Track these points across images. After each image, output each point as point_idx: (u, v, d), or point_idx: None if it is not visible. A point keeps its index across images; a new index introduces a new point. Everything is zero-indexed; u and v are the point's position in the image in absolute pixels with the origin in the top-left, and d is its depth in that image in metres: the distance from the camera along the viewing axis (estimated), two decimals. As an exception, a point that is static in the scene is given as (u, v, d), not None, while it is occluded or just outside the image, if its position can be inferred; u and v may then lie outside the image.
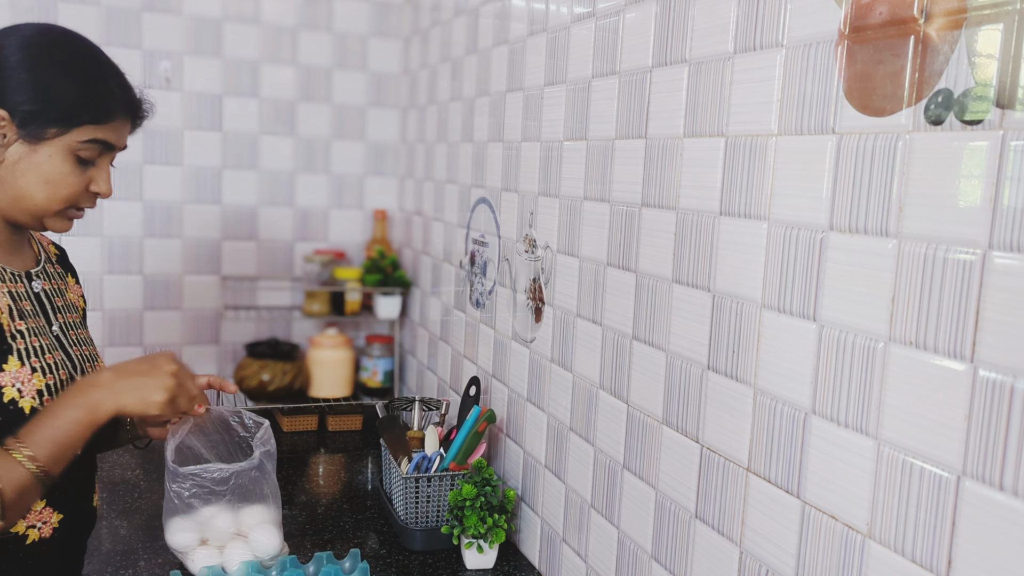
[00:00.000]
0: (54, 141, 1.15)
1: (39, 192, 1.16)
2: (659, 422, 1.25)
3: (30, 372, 1.15)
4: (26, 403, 1.14)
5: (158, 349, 2.53)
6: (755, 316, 1.04)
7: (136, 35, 2.43)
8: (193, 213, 2.54)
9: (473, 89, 2.02)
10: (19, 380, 1.14)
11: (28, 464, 1.07)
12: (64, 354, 1.24)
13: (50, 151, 1.15)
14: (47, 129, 1.14)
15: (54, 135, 1.15)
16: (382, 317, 2.53)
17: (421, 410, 1.97)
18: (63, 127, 1.15)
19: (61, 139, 1.15)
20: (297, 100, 2.62)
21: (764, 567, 1.03)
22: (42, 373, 1.17)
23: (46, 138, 1.15)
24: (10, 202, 1.17)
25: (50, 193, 1.17)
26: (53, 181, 1.16)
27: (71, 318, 1.30)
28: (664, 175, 1.24)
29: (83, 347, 1.29)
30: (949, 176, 0.79)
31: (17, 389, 1.13)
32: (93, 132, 1.18)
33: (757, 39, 1.04)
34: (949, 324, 0.78)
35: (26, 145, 1.14)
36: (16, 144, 1.14)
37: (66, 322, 1.28)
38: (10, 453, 1.07)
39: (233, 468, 1.31)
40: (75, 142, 1.17)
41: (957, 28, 0.78)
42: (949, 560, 0.79)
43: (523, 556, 1.71)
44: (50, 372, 1.19)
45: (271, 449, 1.37)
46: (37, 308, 1.22)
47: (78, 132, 1.16)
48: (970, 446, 0.77)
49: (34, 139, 1.14)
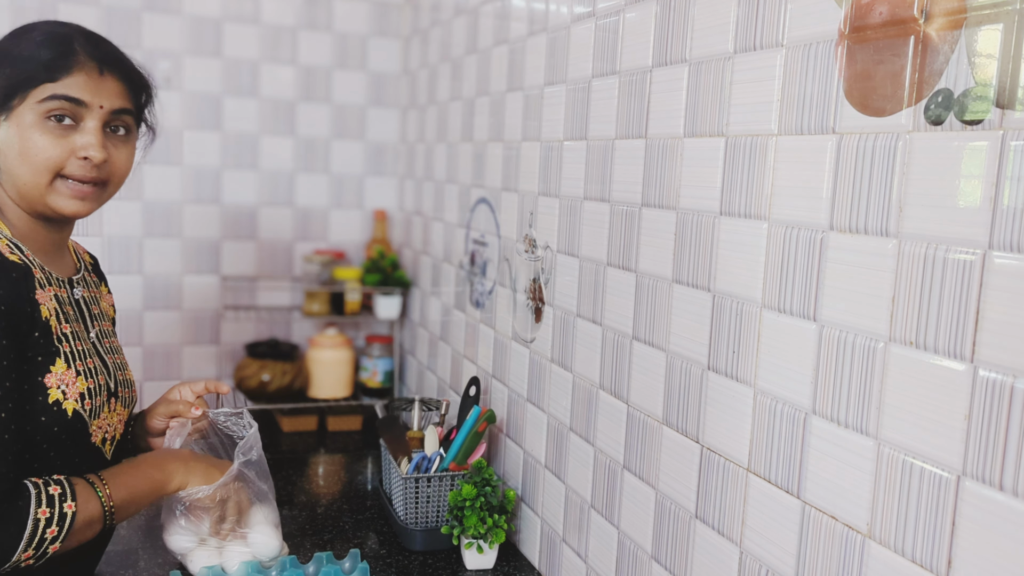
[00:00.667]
0: (20, 111, 1.16)
1: (26, 168, 1.16)
2: (659, 422, 1.25)
3: (74, 375, 1.18)
4: (69, 405, 1.17)
5: (158, 349, 2.54)
6: (755, 316, 1.04)
7: (136, 35, 2.43)
8: (193, 213, 2.54)
9: (473, 89, 2.02)
10: (64, 383, 1.16)
11: (105, 501, 1.16)
12: (100, 361, 1.26)
13: (18, 122, 1.16)
14: (10, 101, 1.16)
15: (16, 104, 1.16)
16: (382, 317, 2.53)
17: (421, 410, 1.97)
18: (21, 93, 1.16)
19: (24, 106, 1.16)
20: (297, 100, 2.62)
21: (764, 567, 1.03)
22: (84, 377, 1.20)
23: (13, 108, 1.16)
24: (14, 189, 1.19)
25: (37, 165, 1.16)
26: (34, 151, 1.16)
27: (104, 326, 1.32)
28: (664, 175, 1.24)
29: (115, 355, 1.31)
30: (949, 176, 0.79)
31: (62, 391, 1.16)
32: (53, 88, 1.16)
33: (757, 39, 1.04)
34: (949, 324, 0.78)
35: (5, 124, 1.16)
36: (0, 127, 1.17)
37: (101, 330, 1.30)
38: (94, 488, 1.16)
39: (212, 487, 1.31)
40: (36, 104, 1.16)
41: (957, 28, 0.78)
42: (949, 560, 0.79)
43: (523, 556, 1.71)
44: (90, 376, 1.21)
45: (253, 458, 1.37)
46: (77, 314, 1.24)
47: (35, 93, 1.16)
48: (970, 446, 0.77)
49: (6, 114, 1.16)
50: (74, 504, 1.11)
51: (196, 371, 2.58)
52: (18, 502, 1.07)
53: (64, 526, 1.10)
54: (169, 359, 2.57)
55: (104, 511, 1.15)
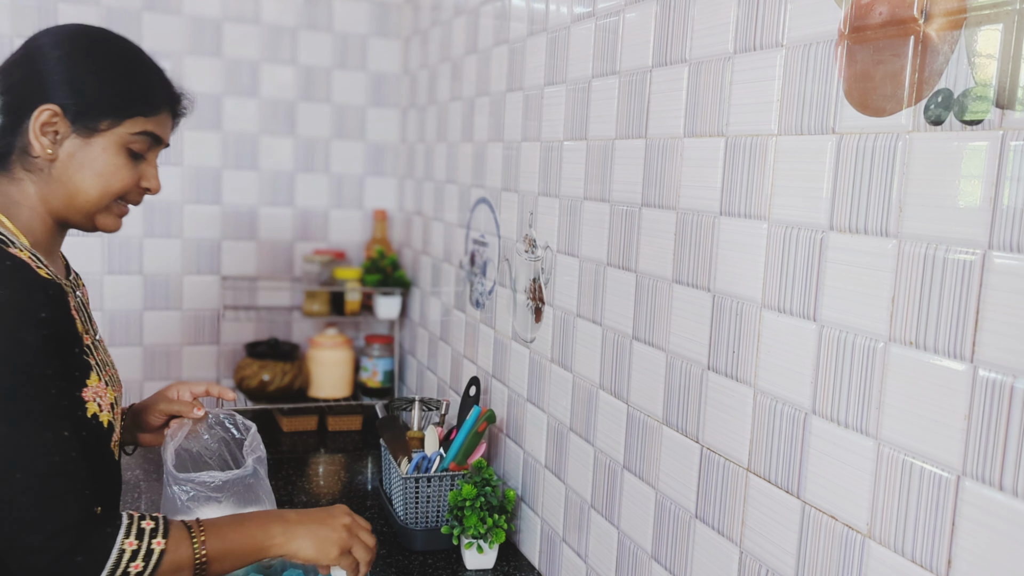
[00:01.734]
0: (107, 134, 1.15)
1: (93, 186, 1.16)
2: (659, 422, 1.25)
3: (104, 386, 1.17)
4: (104, 417, 1.15)
5: (158, 349, 2.54)
6: (755, 316, 1.04)
7: (136, 35, 2.42)
8: (193, 213, 2.54)
9: (473, 89, 2.02)
10: (98, 395, 1.15)
11: (198, 548, 1.09)
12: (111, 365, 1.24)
13: (103, 143, 1.15)
14: (100, 121, 1.15)
15: (107, 127, 1.15)
16: (382, 317, 2.53)
17: (421, 410, 1.97)
18: (115, 119, 1.16)
19: (113, 131, 1.16)
20: (297, 100, 2.62)
21: (764, 567, 1.03)
22: (111, 386, 1.19)
23: (99, 130, 1.15)
24: (65, 200, 1.16)
25: (104, 187, 1.17)
26: (107, 174, 1.16)
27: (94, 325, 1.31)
28: (664, 175, 1.24)
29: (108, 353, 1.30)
30: (949, 176, 0.79)
31: (97, 404, 1.14)
32: (143, 124, 1.18)
33: (757, 39, 1.04)
34: (949, 324, 0.78)
35: (79, 139, 1.14)
36: (69, 139, 1.14)
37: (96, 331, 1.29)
38: (191, 535, 1.10)
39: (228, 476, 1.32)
40: (126, 134, 1.17)
41: (957, 28, 0.78)
42: (949, 560, 0.79)
43: (523, 556, 1.71)
44: (113, 385, 1.20)
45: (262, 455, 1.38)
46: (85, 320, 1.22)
47: (129, 124, 1.17)
48: (970, 446, 0.77)
49: (87, 132, 1.14)
50: (164, 542, 1.06)
51: (196, 371, 2.58)
52: (107, 528, 1.03)
53: (151, 563, 1.05)
54: (169, 359, 2.57)
55: (195, 559, 1.08)
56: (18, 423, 1.00)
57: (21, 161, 1.14)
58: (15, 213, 1.15)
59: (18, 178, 1.15)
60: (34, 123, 1.12)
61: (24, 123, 1.12)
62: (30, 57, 1.15)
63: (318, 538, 1.18)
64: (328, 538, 1.19)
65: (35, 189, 1.15)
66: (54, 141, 1.13)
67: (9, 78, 1.15)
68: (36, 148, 1.12)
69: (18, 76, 1.14)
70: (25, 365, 1.01)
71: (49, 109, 1.12)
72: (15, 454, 1.00)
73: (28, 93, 1.13)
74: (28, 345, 1.01)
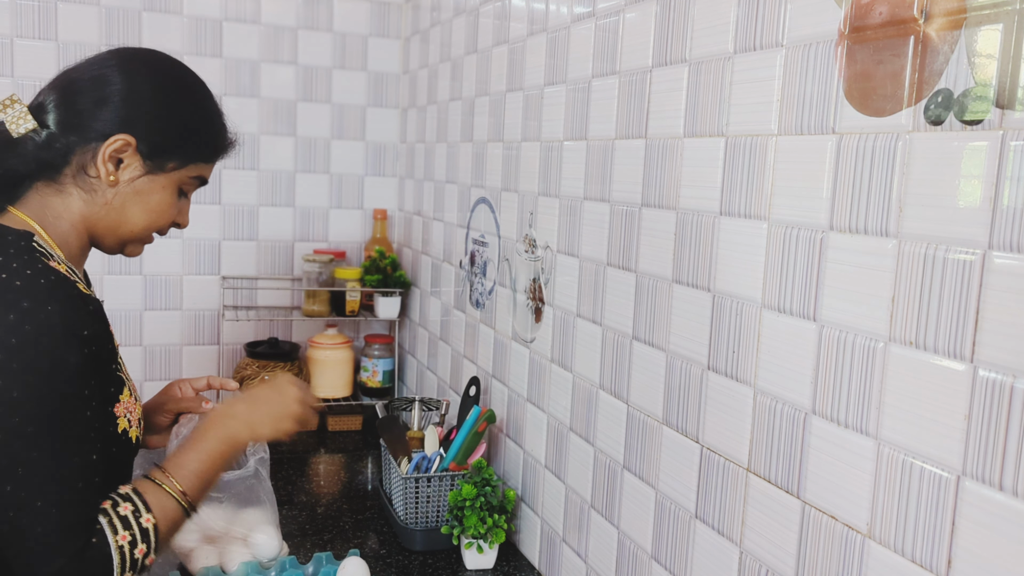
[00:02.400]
0: (170, 174, 1.17)
1: (142, 220, 1.17)
2: (659, 422, 1.25)
3: (133, 401, 1.16)
4: (133, 432, 1.15)
5: (158, 349, 2.54)
6: (755, 316, 1.04)
7: (136, 35, 2.42)
8: (193, 213, 2.53)
9: (473, 89, 2.02)
10: (128, 410, 1.14)
11: (178, 496, 1.10)
12: None
13: (164, 182, 1.17)
14: (169, 162, 1.16)
15: (173, 168, 1.17)
16: (382, 317, 2.53)
17: (421, 410, 1.97)
18: (182, 163, 1.18)
19: (176, 173, 1.18)
20: (297, 100, 2.62)
21: (764, 567, 1.03)
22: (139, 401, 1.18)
23: (165, 171, 1.16)
24: (110, 225, 1.16)
25: (151, 222, 1.18)
26: (158, 211, 1.18)
27: None
28: (664, 175, 1.24)
29: None
30: (949, 176, 0.79)
31: (127, 419, 1.14)
32: (201, 170, 1.21)
33: (757, 39, 1.04)
34: (949, 324, 0.78)
35: (146, 175, 1.15)
36: (134, 170, 1.14)
37: None
38: (161, 487, 1.10)
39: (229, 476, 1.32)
40: (186, 177, 1.19)
41: (957, 28, 0.78)
42: (949, 560, 0.79)
43: (523, 556, 1.71)
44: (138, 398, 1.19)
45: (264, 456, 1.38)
46: None
47: (192, 168, 1.19)
48: (970, 446, 0.77)
49: (155, 170, 1.15)
50: (151, 516, 1.06)
51: (196, 371, 2.58)
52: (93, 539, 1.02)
53: (151, 540, 1.05)
54: (169, 359, 2.57)
55: (182, 505, 1.10)
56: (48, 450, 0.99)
57: (76, 177, 1.13)
58: (53, 224, 1.13)
59: (67, 192, 1.13)
60: (106, 149, 1.11)
61: (90, 144, 1.12)
62: (106, 80, 1.13)
63: (276, 419, 1.25)
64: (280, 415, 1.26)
65: (82, 207, 1.14)
66: (117, 168, 1.13)
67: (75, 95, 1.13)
68: (101, 172, 1.12)
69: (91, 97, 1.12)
70: (64, 385, 1.00)
71: (124, 140, 1.12)
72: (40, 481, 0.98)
73: (101, 117, 1.12)
74: (69, 365, 1.00)
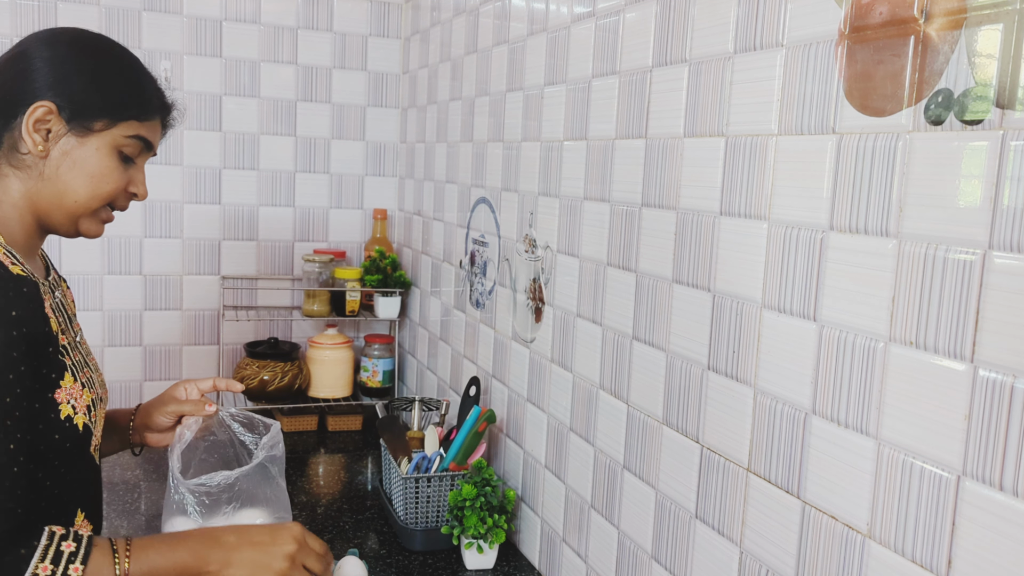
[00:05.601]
0: (101, 135, 1.14)
1: (83, 188, 1.14)
2: (659, 422, 1.25)
3: (80, 388, 1.14)
4: (79, 419, 1.12)
5: (158, 349, 2.54)
6: (755, 316, 1.04)
7: (136, 35, 2.43)
8: (193, 213, 2.54)
9: (473, 89, 2.02)
10: (72, 396, 1.12)
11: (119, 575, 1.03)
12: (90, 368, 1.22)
13: (96, 144, 1.14)
14: (95, 122, 1.13)
15: (101, 128, 1.14)
16: (382, 317, 2.53)
17: (421, 410, 1.97)
18: (110, 120, 1.14)
19: (108, 133, 1.14)
20: (297, 100, 2.62)
21: (764, 567, 1.03)
22: (88, 388, 1.16)
23: (93, 131, 1.13)
24: (53, 199, 1.14)
25: (94, 189, 1.15)
26: (98, 176, 1.15)
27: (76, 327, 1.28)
28: (664, 175, 1.24)
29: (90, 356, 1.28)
30: (949, 176, 0.79)
31: (72, 406, 1.11)
32: (137, 128, 1.17)
33: (757, 39, 1.04)
34: (949, 324, 0.78)
35: (73, 138, 1.13)
36: (64, 138, 1.13)
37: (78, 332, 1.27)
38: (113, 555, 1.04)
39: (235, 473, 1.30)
40: (120, 137, 1.15)
41: (957, 28, 0.78)
42: (949, 560, 0.79)
43: (523, 556, 1.71)
44: (91, 387, 1.17)
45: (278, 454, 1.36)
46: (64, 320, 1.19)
47: (124, 127, 1.16)
48: (970, 446, 0.77)
49: (82, 131, 1.13)
50: (81, 569, 1.01)
51: (196, 371, 2.58)
52: (21, 549, 0.98)
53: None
54: (169, 359, 2.57)
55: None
56: None
57: (8, 158, 1.12)
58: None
59: (3, 174, 1.13)
60: (27, 119, 1.10)
61: (15, 120, 1.11)
62: (24, 55, 1.13)
63: (254, 565, 1.11)
64: (263, 565, 1.12)
65: (21, 186, 1.13)
66: (46, 139, 1.12)
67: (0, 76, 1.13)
68: (28, 144, 1.11)
69: (10, 73, 1.13)
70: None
71: (44, 106, 1.10)
72: None
73: (21, 90, 1.11)
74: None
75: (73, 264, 2.38)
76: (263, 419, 1.41)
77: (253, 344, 2.53)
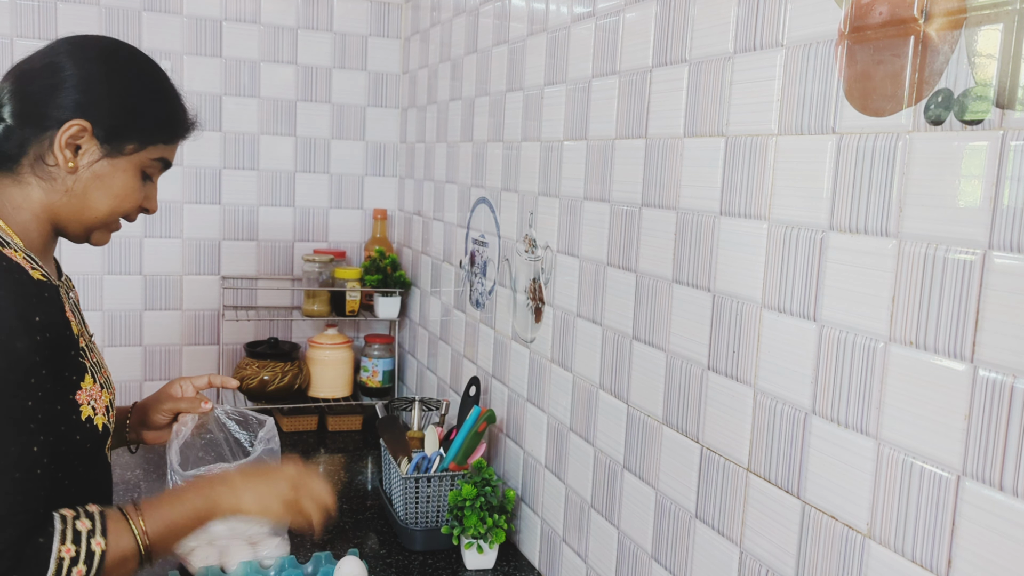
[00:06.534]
0: (130, 157, 1.17)
1: (105, 205, 1.17)
2: (659, 422, 1.25)
3: (99, 389, 1.15)
4: (99, 420, 1.14)
5: (158, 349, 2.54)
6: (755, 316, 1.04)
7: (136, 35, 2.42)
8: (193, 213, 2.54)
9: (473, 89, 2.02)
10: (92, 397, 1.13)
11: (139, 537, 1.07)
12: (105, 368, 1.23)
13: (124, 165, 1.16)
14: (126, 144, 1.16)
15: (131, 151, 1.16)
16: (382, 317, 2.53)
17: (421, 410, 1.97)
18: (141, 144, 1.17)
19: (136, 155, 1.17)
20: (297, 100, 2.61)
21: (764, 567, 1.03)
22: (106, 389, 1.18)
23: (124, 153, 1.16)
24: (73, 212, 1.16)
25: (115, 207, 1.18)
26: (121, 195, 1.18)
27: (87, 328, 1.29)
28: (664, 175, 1.24)
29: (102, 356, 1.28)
30: (949, 176, 0.79)
31: (92, 407, 1.13)
32: (163, 151, 1.21)
33: (757, 39, 1.04)
34: (949, 324, 0.78)
35: (104, 158, 1.15)
36: (93, 156, 1.14)
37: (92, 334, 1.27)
38: (126, 519, 1.08)
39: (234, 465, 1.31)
40: (147, 159, 1.19)
41: (957, 28, 0.78)
42: (949, 560, 0.79)
43: (523, 556, 1.71)
44: (108, 388, 1.19)
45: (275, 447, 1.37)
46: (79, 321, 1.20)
47: (152, 150, 1.19)
48: (970, 446, 0.77)
49: (113, 153, 1.15)
50: (103, 541, 1.02)
51: (196, 371, 2.58)
52: (39, 539, 0.99)
53: (93, 565, 1.01)
54: (169, 359, 2.57)
55: (139, 546, 1.07)
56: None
57: (34, 167, 1.13)
58: (12, 215, 1.13)
59: (25, 182, 1.13)
60: (61, 136, 1.11)
61: (45, 132, 1.11)
62: (57, 67, 1.13)
63: (261, 493, 1.19)
64: (270, 493, 1.19)
65: (44, 196, 1.14)
66: (75, 154, 1.13)
67: (28, 85, 1.13)
68: (59, 159, 1.12)
69: (42, 83, 1.12)
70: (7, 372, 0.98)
71: (79, 125, 1.11)
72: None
73: (56, 105, 1.11)
74: (16, 351, 0.98)
75: (73, 264, 2.38)
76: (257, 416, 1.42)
77: (253, 344, 2.53)
